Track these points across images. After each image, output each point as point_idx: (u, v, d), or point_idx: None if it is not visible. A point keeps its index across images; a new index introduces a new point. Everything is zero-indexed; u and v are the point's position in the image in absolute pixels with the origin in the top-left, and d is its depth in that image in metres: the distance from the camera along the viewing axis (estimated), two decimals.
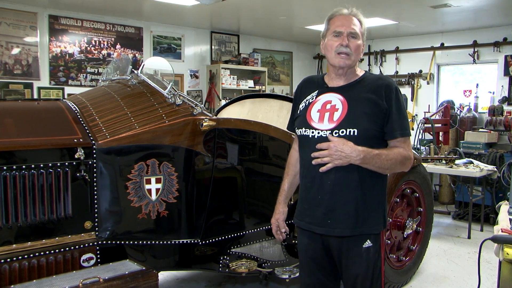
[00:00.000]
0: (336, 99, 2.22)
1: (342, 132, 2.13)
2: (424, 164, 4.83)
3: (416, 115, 8.25)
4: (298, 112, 2.34)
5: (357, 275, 2.22)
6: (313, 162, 2.15)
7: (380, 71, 8.90)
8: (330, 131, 2.16)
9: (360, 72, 2.31)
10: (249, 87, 8.37)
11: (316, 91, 2.31)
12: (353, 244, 2.20)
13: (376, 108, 2.16)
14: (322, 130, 2.18)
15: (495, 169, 5.76)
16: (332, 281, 2.34)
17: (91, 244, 2.63)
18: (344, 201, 2.17)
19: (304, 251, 2.36)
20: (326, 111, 2.21)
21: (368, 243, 2.20)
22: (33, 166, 2.44)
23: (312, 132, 2.20)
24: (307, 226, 2.28)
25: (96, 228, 2.66)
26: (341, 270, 2.28)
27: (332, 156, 2.09)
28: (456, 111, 7.57)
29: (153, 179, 2.77)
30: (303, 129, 2.26)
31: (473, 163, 5.85)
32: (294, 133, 2.42)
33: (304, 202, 2.30)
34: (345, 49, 2.19)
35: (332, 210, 2.18)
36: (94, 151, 2.61)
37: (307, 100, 2.32)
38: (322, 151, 2.12)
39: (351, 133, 2.13)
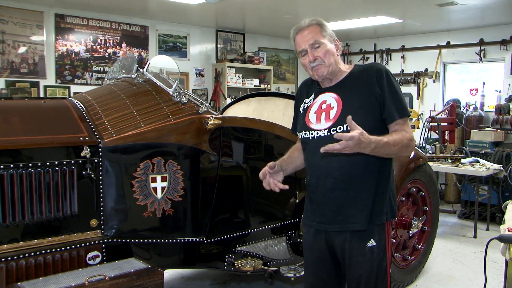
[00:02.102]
0: (330, 98, 2.22)
1: (340, 129, 2.13)
2: (430, 163, 4.81)
3: (422, 113, 8.22)
4: (299, 115, 2.37)
5: (361, 275, 2.21)
6: (322, 150, 1.92)
7: None
8: (327, 130, 2.16)
9: (348, 68, 2.30)
10: (254, 86, 8.37)
11: (313, 94, 2.32)
12: (356, 244, 2.19)
13: (370, 96, 2.14)
14: (320, 130, 2.19)
15: (502, 168, 5.73)
16: (336, 282, 2.34)
17: (96, 242, 2.64)
18: (352, 196, 2.17)
19: (309, 250, 2.37)
20: (322, 111, 2.22)
21: (372, 243, 2.19)
22: (39, 164, 2.45)
23: (312, 134, 2.22)
24: (318, 226, 2.28)
25: (102, 226, 2.67)
26: (345, 270, 2.28)
27: (350, 146, 1.89)
28: (462, 110, 7.54)
29: (158, 178, 2.78)
30: (303, 132, 2.27)
31: (479, 162, 5.82)
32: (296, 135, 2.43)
33: (313, 202, 2.30)
34: (315, 63, 2.21)
35: (341, 207, 2.19)
36: (100, 149, 2.62)
37: (305, 104, 2.34)
38: (341, 142, 1.90)
39: (348, 128, 2.11)
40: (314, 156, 2.23)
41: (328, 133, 2.16)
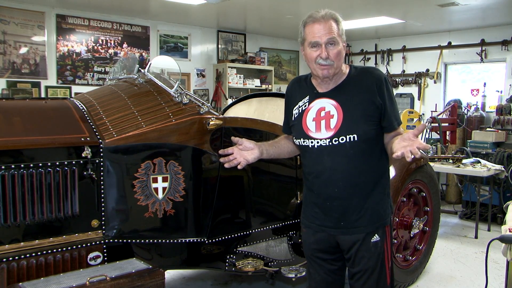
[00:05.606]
0: (329, 105, 2.19)
1: (342, 139, 2.13)
2: (431, 164, 4.81)
3: (423, 114, 8.22)
4: (293, 119, 2.33)
5: (366, 270, 2.26)
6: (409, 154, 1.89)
7: (387, 70, 8.88)
8: (329, 139, 2.15)
9: (345, 69, 2.24)
10: (255, 86, 8.37)
11: (307, 97, 2.27)
12: (362, 241, 2.23)
13: (371, 105, 2.14)
14: (321, 139, 2.17)
15: (503, 169, 5.72)
16: (339, 274, 2.39)
17: (98, 242, 2.64)
18: (354, 204, 2.20)
19: (310, 249, 2.38)
20: (322, 118, 2.18)
21: (376, 238, 2.24)
22: (40, 164, 2.44)
23: (311, 142, 2.20)
24: (319, 228, 2.30)
25: (103, 227, 2.67)
26: (348, 265, 2.33)
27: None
28: (463, 110, 7.54)
29: (159, 178, 2.77)
30: (302, 139, 2.25)
31: (480, 163, 5.82)
32: (288, 135, 2.50)
33: (314, 207, 2.31)
34: (325, 62, 2.11)
35: (344, 214, 2.22)
36: (101, 149, 2.62)
37: (299, 107, 2.29)
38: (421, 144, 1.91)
39: (351, 139, 2.12)
40: (316, 164, 2.23)
41: (330, 143, 2.15)
